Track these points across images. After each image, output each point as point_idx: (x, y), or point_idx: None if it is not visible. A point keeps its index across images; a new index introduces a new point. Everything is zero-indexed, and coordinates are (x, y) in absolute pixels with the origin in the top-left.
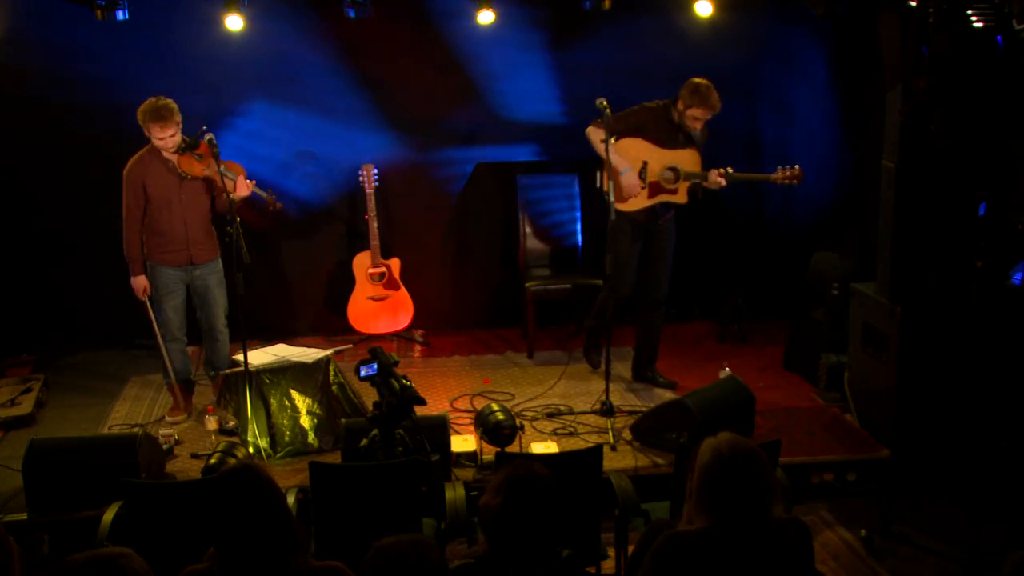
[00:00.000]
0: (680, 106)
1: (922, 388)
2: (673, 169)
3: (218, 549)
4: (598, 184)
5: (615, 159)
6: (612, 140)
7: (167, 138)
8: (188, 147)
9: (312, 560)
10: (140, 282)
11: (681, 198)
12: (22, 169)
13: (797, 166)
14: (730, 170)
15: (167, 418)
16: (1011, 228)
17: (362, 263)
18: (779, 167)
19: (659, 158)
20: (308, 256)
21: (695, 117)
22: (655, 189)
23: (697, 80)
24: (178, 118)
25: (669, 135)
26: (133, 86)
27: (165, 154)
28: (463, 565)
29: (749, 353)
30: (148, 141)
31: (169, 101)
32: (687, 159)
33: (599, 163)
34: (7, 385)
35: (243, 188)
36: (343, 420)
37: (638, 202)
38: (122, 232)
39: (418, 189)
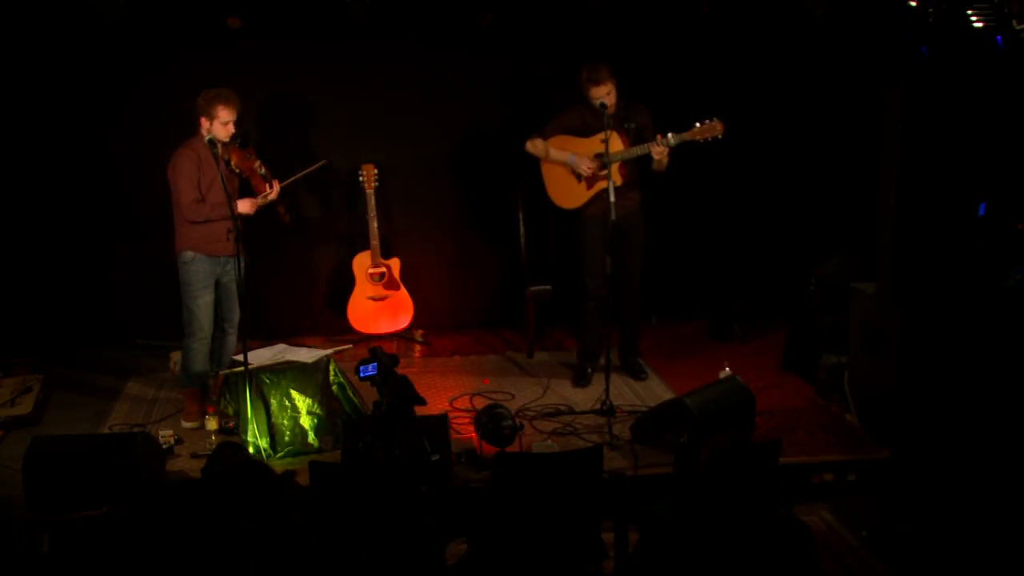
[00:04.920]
0: (588, 95)
1: (922, 388)
2: (598, 156)
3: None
4: (549, 195)
5: (559, 155)
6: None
7: (230, 124)
8: (243, 143)
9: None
10: (247, 201)
11: (616, 180)
12: (22, 169)
13: (716, 118)
14: (669, 135)
15: (184, 423)
16: (1011, 228)
17: (362, 263)
18: (696, 123)
19: (583, 149)
20: (308, 256)
21: (599, 96)
22: (591, 180)
23: (584, 66)
24: (240, 105)
25: (595, 126)
26: (132, 88)
27: (226, 137)
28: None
29: (749, 353)
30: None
31: (231, 90)
32: (611, 140)
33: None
34: (7, 385)
35: (276, 192)
36: (342, 420)
37: (580, 197)
38: (193, 216)
39: (418, 189)
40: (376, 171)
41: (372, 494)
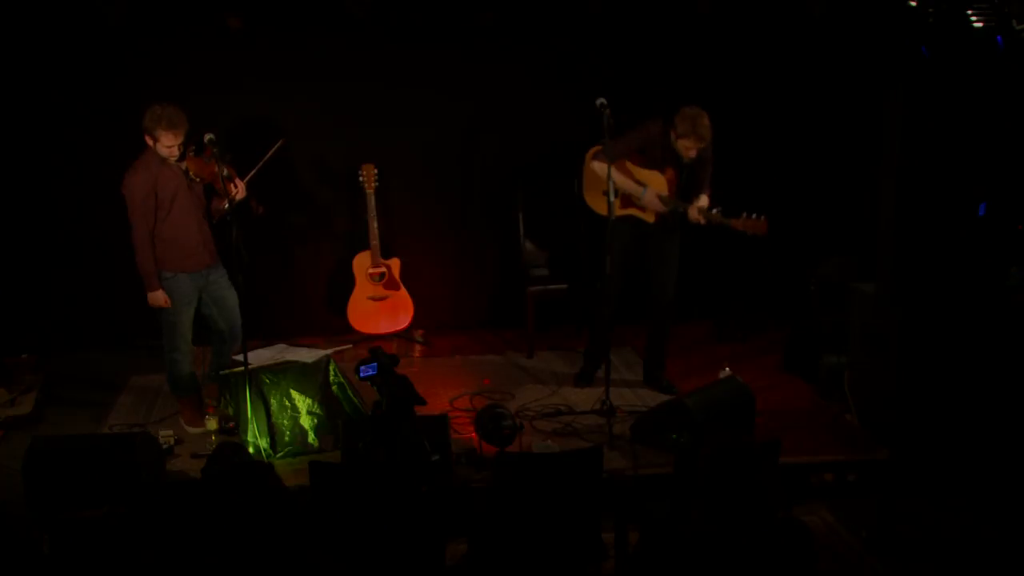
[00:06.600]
0: (673, 135)
1: (922, 388)
2: (662, 199)
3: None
4: (576, 190)
5: (628, 185)
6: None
7: (173, 147)
8: (198, 150)
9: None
10: (160, 296)
11: (648, 217)
12: (23, 169)
13: (764, 216)
14: (715, 211)
15: (189, 428)
16: (1011, 228)
17: (362, 263)
18: (744, 212)
19: (632, 173)
20: (308, 256)
21: (686, 147)
22: (627, 201)
23: (689, 110)
24: (187, 126)
25: (662, 158)
26: (133, 86)
27: (170, 159)
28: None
29: (749, 353)
30: (136, 150)
31: (178, 108)
32: (656, 180)
33: (578, 170)
34: (7, 385)
35: (243, 190)
36: (342, 420)
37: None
38: (135, 248)
39: (418, 189)
40: (376, 171)
41: (372, 494)
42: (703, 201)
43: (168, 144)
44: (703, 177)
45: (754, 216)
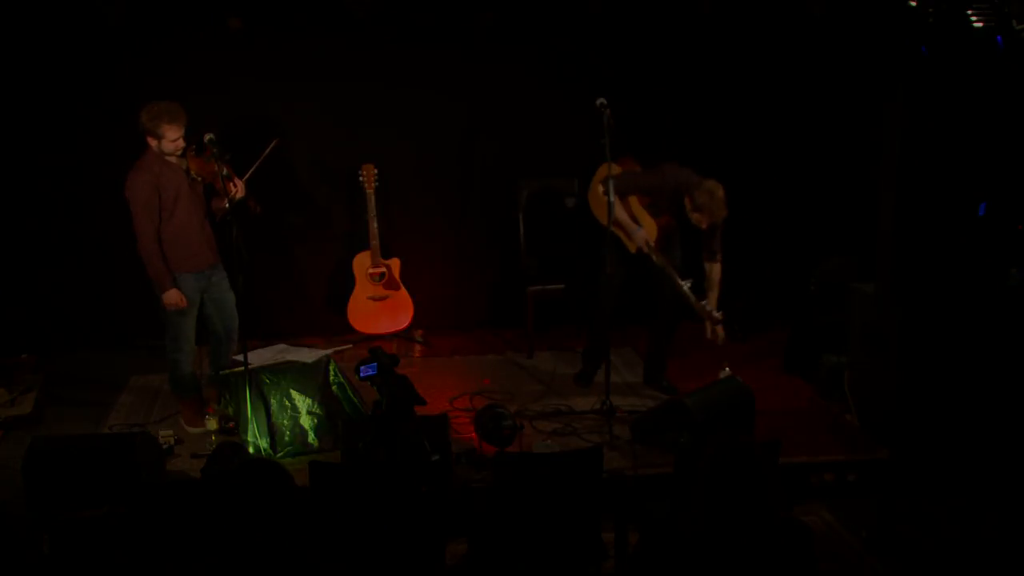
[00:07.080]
0: (689, 203)
1: (922, 388)
2: (637, 224)
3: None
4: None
5: (624, 219)
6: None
7: (179, 139)
8: (200, 149)
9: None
10: (175, 295)
11: (630, 247)
12: (22, 169)
13: (720, 328)
14: (687, 285)
15: (189, 428)
16: (1011, 228)
17: (362, 263)
18: (708, 305)
19: (631, 209)
20: (308, 256)
21: (698, 219)
22: (617, 224)
23: (710, 184)
24: (186, 117)
25: (665, 207)
26: (132, 86)
27: (169, 158)
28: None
29: (749, 353)
30: (137, 150)
31: (171, 101)
32: (649, 226)
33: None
34: (7, 385)
35: (243, 189)
36: (342, 420)
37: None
38: (143, 249)
39: (418, 189)
40: (376, 171)
41: (372, 494)
42: (715, 272)
43: (174, 137)
44: (714, 237)
45: (714, 316)
